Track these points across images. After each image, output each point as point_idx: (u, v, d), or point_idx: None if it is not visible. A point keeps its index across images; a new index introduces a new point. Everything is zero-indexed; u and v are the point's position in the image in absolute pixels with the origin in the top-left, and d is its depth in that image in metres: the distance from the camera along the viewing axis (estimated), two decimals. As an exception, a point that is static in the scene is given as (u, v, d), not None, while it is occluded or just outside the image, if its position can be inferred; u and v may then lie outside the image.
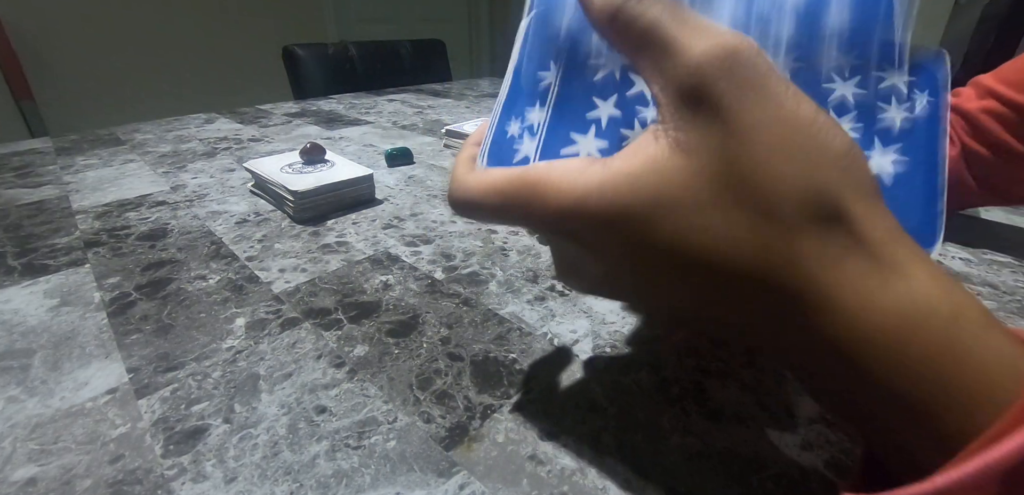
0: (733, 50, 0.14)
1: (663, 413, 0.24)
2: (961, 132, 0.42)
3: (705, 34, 0.14)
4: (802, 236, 0.14)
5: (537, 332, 0.31)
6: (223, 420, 0.24)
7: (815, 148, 0.14)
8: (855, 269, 0.13)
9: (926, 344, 0.13)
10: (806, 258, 0.14)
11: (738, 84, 0.14)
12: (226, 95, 2.34)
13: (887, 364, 0.13)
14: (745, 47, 0.14)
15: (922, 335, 0.13)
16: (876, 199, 0.14)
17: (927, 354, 0.12)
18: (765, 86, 0.14)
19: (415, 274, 0.38)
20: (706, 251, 0.15)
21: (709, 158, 0.14)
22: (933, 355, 0.12)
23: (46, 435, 0.23)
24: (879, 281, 0.13)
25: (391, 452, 0.23)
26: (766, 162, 0.14)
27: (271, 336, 0.30)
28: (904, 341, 0.13)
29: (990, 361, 0.12)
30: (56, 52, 1.92)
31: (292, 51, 1.30)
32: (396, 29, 2.86)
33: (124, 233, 0.44)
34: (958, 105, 0.43)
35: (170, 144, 0.74)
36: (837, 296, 0.13)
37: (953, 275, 0.38)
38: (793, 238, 0.14)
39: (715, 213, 0.14)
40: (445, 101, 1.12)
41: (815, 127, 0.14)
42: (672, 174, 0.14)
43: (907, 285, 0.13)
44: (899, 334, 0.13)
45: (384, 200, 0.53)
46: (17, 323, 0.32)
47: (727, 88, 0.14)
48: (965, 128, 0.42)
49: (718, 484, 0.21)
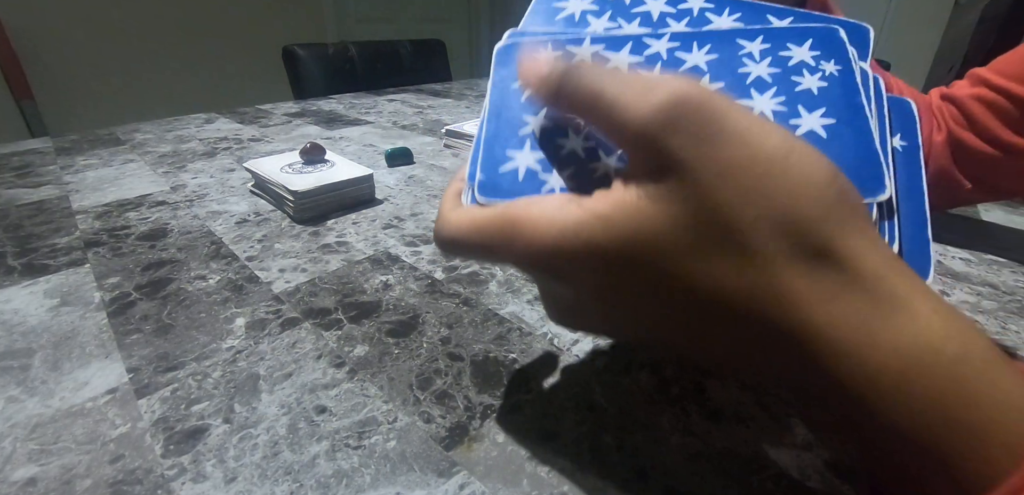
0: (679, 101, 0.13)
1: (663, 413, 0.24)
2: (950, 120, 0.41)
3: (649, 91, 0.14)
4: (790, 274, 0.13)
5: (537, 332, 0.31)
6: (223, 420, 0.24)
7: (792, 182, 0.13)
8: (851, 308, 0.13)
9: (932, 385, 0.12)
10: (796, 296, 0.13)
11: (693, 136, 0.13)
12: (226, 95, 2.34)
13: (893, 405, 0.12)
14: (692, 93, 0.14)
15: (927, 376, 0.12)
16: (866, 228, 0.13)
17: (934, 395, 0.12)
18: (723, 128, 0.13)
19: (415, 274, 0.38)
20: (691, 292, 0.14)
21: (681, 209, 0.14)
22: (940, 397, 0.12)
23: (46, 435, 0.23)
24: (880, 320, 0.12)
25: (391, 452, 0.23)
26: (742, 205, 0.13)
27: (271, 336, 0.30)
28: (909, 381, 0.12)
29: (1002, 403, 0.12)
30: (56, 52, 1.92)
31: (292, 51, 1.30)
32: (396, 29, 2.86)
33: (124, 233, 0.44)
34: (949, 94, 0.43)
35: (170, 144, 0.74)
36: (835, 337, 0.13)
37: (952, 275, 0.38)
38: (780, 278, 0.13)
39: (696, 259, 0.14)
40: (445, 101, 1.12)
41: (791, 159, 0.13)
42: (644, 221, 0.14)
43: (910, 322, 0.12)
44: (904, 375, 0.12)
45: (384, 200, 0.53)
46: (17, 323, 0.32)
47: (682, 143, 0.13)
48: (955, 117, 0.41)
49: (718, 484, 0.21)
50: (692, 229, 0.14)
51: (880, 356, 0.12)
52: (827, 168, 0.14)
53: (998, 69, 0.39)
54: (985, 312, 0.34)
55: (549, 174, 0.18)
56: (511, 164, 0.18)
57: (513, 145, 0.19)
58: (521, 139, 0.19)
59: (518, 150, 0.18)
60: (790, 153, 0.13)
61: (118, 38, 2.05)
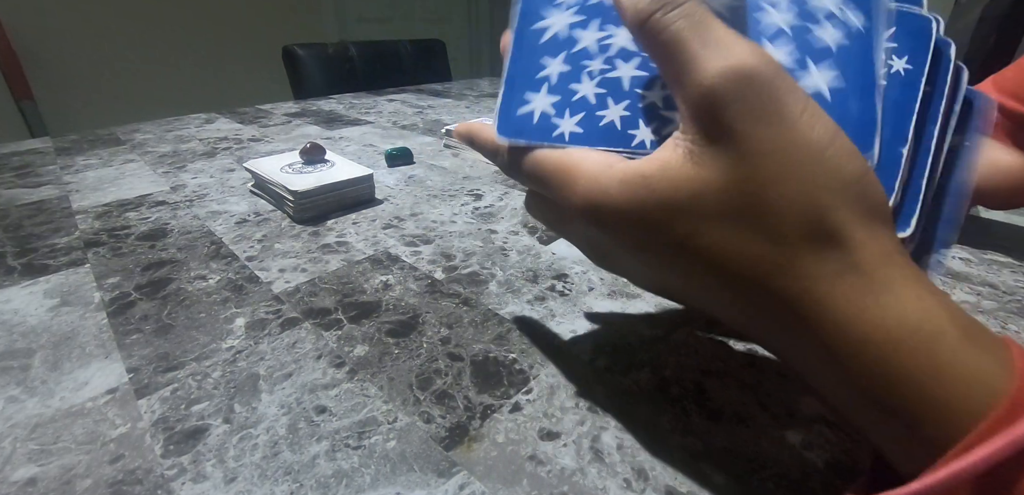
0: (748, 73, 0.14)
1: (663, 413, 0.24)
2: None
3: (724, 53, 0.14)
4: (800, 253, 0.14)
5: (537, 332, 0.31)
6: (223, 420, 0.24)
7: (825, 174, 0.14)
8: (848, 285, 0.14)
9: (908, 358, 0.13)
10: (802, 270, 0.14)
11: (751, 109, 0.14)
12: (226, 95, 2.34)
13: (873, 373, 0.14)
14: (762, 68, 0.14)
15: (905, 349, 0.13)
16: (880, 222, 0.15)
17: (909, 367, 0.13)
18: (779, 111, 0.14)
19: (415, 274, 0.38)
20: (709, 256, 0.16)
21: (718, 175, 0.15)
22: (914, 369, 0.13)
23: (46, 435, 0.23)
24: (870, 298, 0.14)
25: (391, 452, 0.23)
26: (773, 184, 0.14)
27: (271, 336, 0.30)
28: (888, 353, 0.14)
29: (967, 377, 0.13)
30: (56, 52, 1.92)
31: (292, 51, 1.30)
32: (396, 29, 2.86)
33: (124, 233, 0.44)
34: None
35: (170, 144, 0.74)
36: (829, 306, 0.14)
37: (952, 275, 0.39)
38: (791, 253, 0.14)
39: (721, 225, 0.15)
40: (445, 101, 1.12)
41: (829, 152, 0.14)
42: (682, 182, 0.15)
43: (895, 302, 0.14)
44: (884, 347, 0.14)
45: (384, 200, 0.53)
46: (17, 323, 0.32)
47: (739, 112, 0.14)
48: None
49: (718, 484, 0.21)
50: (726, 197, 0.15)
51: (865, 329, 0.14)
52: (858, 166, 0.15)
53: (1003, 87, 0.40)
54: (985, 312, 0.34)
55: (561, 119, 0.19)
56: (528, 107, 0.19)
57: (531, 87, 0.19)
58: (538, 82, 0.19)
59: (535, 93, 0.19)
60: (829, 146, 0.14)
61: (118, 38, 2.05)
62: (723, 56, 0.14)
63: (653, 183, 0.16)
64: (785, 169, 0.14)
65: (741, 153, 0.14)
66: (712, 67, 0.14)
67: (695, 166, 0.15)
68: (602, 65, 0.19)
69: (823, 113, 0.15)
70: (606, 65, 0.19)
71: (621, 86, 0.19)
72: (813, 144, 0.14)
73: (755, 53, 0.15)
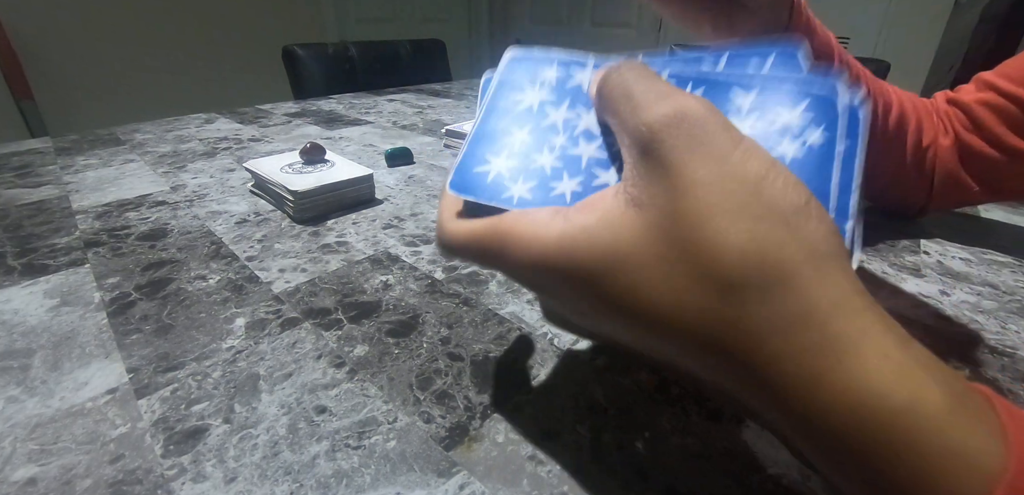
0: (683, 109, 0.15)
1: (663, 413, 0.24)
2: (958, 125, 0.42)
3: (666, 97, 0.15)
4: (745, 297, 0.13)
5: (537, 332, 0.31)
6: (223, 420, 0.24)
7: (761, 205, 0.13)
8: (800, 342, 0.13)
9: (877, 432, 0.12)
10: (750, 322, 0.13)
11: (685, 141, 0.14)
12: (226, 95, 2.34)
13: (841, 444, 0.12)
14: (696, 107, 0.15)
15: (874, 421, 0.12)
16: (829, 259, 0.13)
17: (880, 441, 0.12)
18: (710, 143, 0.14)
19: (415, 274, 0.38)
20: (654, 308, 0.15)
21: (657, 214, 0.14)
22: (886, 442, 0.12)
23: (46, 435, 0.23)
24: (829, 360, 0.12)
25: (391, 452, 0.23)
26: (708, 218, 0.13)
27: (271, 336, 0.30)
28: (854, 426, 0.12)
29: (955, 454, 0.11)
30: (56, 52, 1.92)
31: (292, 51, 1.30)
32: (396, 29, 2.86)
33: (124, 233, 0.44)
34: (955, 98, 0.43)
35: (170, 144, 0.74)
36: (785, 369, 0.13)
37: (952, 275, 0.38)
38: (736, 300, 0.13)
39: (661, 269, 0.14)
40: (445, 101, 1.12)
41: (764, 183, 0.13)
42: (623, 229, 0.15)
43: (857, 366, 0.12)
44: (849, 418, 0.12)
45: (384, 200, 0.53)
46: (17, 323, 0.32)
47: (674, 144, 0.14)
48: (962, 121, 0.42)
49: (718, 484, 0.21)
50: (661, 239, 0.14)
51: (827, 396, 0.12)
52: (797, 196, 0.14)
53: (1004, 73, 0.40)
54: (985, 312, 0.34)
55: (514, 184, 0.19)
56: (485, 166, 0.19)
57: (493, 152, 0.20)
58: (500, 147, 0.20)
59: (496, 156, 0.20)
60: (764, 179, 0.14)
61: (118, 38, 2.05)
62: (666, 99, 0.15)
63: (593, 233, 0.15)
64: (720, 201, 0.13)
65: (676, 186, 0.14)
66: (656, 107, 0.15)
67: (635, 210, 0.15)
68: (565, 141, 0.19)
69: (761, 149, 0.14)
70: (569, 142, 0.19)
71: (579, 163, 0.19)
72: (748, 176, 0.14)
73: (695, 99, 0.15)
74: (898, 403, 0.12)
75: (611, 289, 0.15)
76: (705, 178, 0.14)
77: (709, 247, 0.13)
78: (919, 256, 0.42)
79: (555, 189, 0.19)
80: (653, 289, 0.14)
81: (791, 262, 0.13)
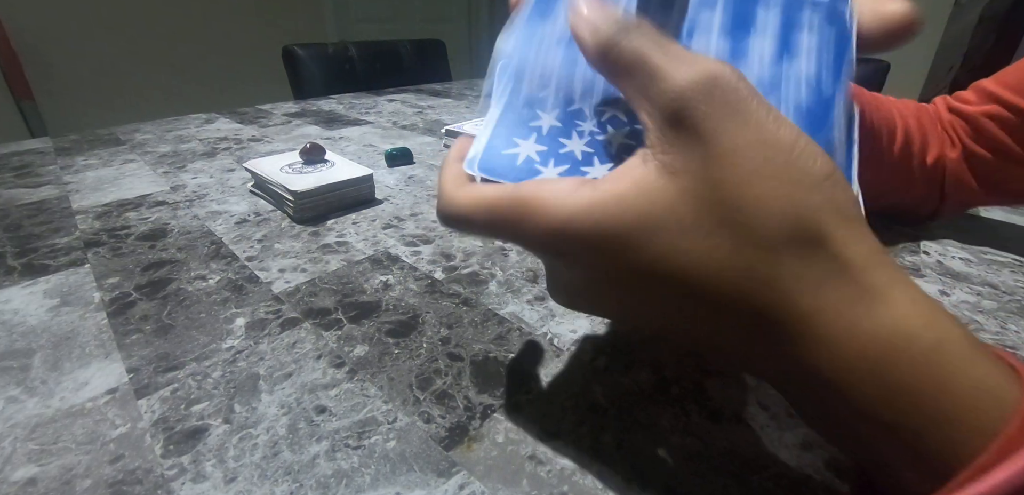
0: (714, 76, 0.14)
1: (663, 413, 0.24)
2: (963, 135, 0.43)
3: (688, 62, 0.15)
4: (783, 258, 0.14)
5: (537, 332, 0.31)
6: (223, 420, 0.24)
7: (796, 170, 0.14)
8: (836, 294, 0.13)
9: (907, 372, 0.12)
10: (786, 280, 0.14)
11: (718, 108, 0.14)
12: (226, 95, 2.34)
13: (869, 391, 0.13)
14: (726, 73, 0.15)
15: (903, 363, 0.13)
16: (857, 222, 0.14)
17: (908, 382, 0.12)
18: (746, 110, 0.14)
19: (415, 274, 0.38)
20: (690, 272, 0.15)
21: (692, 180, 0.14)
22: (915, 383, 0.12)
23: (46, 435, 0.23)
24: (862, 308, 0.13)
25: (391, 452, 0.23)
26: (747, 184, 0.14)
27: (271, 336, 0.30)
28: (885, 368, 0.13)
29: (973, 390, 0.12)
30: (56, 52, 1.92)
31: (292, 51, 1.30)
32: (396, 29, 2.86)
33: (124, 233, 0.44)
34: (959, 109, 0.43)
35: (170, 144, 0.74)
36: (819, 321, 0.13)
37: (952, 275, 0.38)
38: (774, 260, 0.14)
39: (698, 235, 0.14)
40: (445, 101, 1.12)
41: (796, 150, 0.14)
42: (657, 195, 0.15)
43: (888, 311, 0.13)
44: (880, 361, 0.13)
45: (384, 200, 0.53)
46: (17, 323, 0.32)
47: (708, 111, 0.14)
48: (967, 131, 0.42)
49: (718, 484, 0.21)
50: (699, 203, 0.14)
51: (859, 343, 0.13)
52: (826, 162, 0.14)
53: (1004, 83, 0.40)
54: (985, 312, 0.34)
55: (544, 166, 0.19)
56: (514, 150, 0.19)
57: (521, 134, 0.19)
58: (529, 130, 0.19)
59: (524, 139, 0.19)
60: (795, 145, 0.14)
61: (118, 38, 2.05)
62: (689, 65, 0.15)
63: (625, 199, 0.15)
64: (757, 167, 0.14)
65: (712, 154, 0.14)
66: (680, 73, 0.15)
67: (669, 177, 0.15)
68: (593, 127, 0.19)
69: (788, 120, 0.15)
70: (597, 128, 0.19)
71: (610, 149, 0.19)
72: (782, 142, 0.14)
73: (719, 62, 0.15)
74: (928, 341, 0.13)
75: (646, 254, 0.15)
76: (742, 145, 0.14)
77: (751, 211, 0.14)
78: (919, 256, 0.42)
79: (588, 173, 0.18)
80: (689, 253, 0.15)
81: (827, 224, 0.14)
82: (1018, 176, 0.40)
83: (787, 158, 0.14)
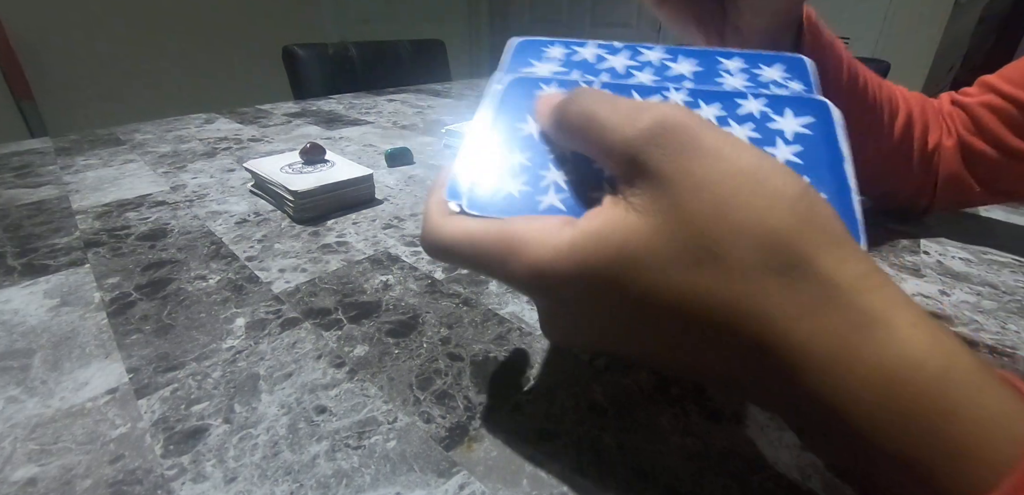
0: (660, 119, 0.15)
1: (663, 413, 0.24)
2: (961, 127, 0.42)
3: (636, 110, 0.15)
4: (767, 287, 0.13)
5: (537, 332, 0.31)
6: (223, 420, 0.24)
7: (766, 194, 0.14)
8: (830, 322, 0.13)
9: (914, 401, 0.12)
10: (774, 311, 0.13)
11: (673, 150, 0.14)
12: (226, 95, 2.34)
13: (875, 421, 0.12)
14: (673, 114, 0.15)
15: (910, 392, 0.12)
16: (839, 241, 0.14)
17: (916, 411, 0.12)
18: (701, 145, 0.14)
19: (415, 274, 0.38)
20: (678, 307, 0.14)
21: (664, 219, 0.14)
22: (923, 412, 0.12)
23: (46, 435, 0.23)
24: (860, 335, 0.12)
25: (391, 452, 0.23)
26: (721, 216, 0.14)
27: (271, 336, 0.30)
28: (892, 397, 0.12)
29: (984, 419, 0.11)
30: (56, 52, 1.92)
31: (292, 51, 1.30)
32: (396, 29, 2.86)
33: (124, 233, 0.44)
34: (959, 100, 0.43)
35: (170, 144, 0.74)
36: (815, 353, 0.13)
37: (952, 275, 0.38)
38: (759, 290, 0.13)
39: (679, 269, 0.14)
40: (445, 101, 1.12)
41: (762, 172, 0.14)
42: (632, 232, 0.15)
43: (890, 338, 0.12)
44: (886, 391, 0.12)
45: (384, 200, 0.53)
46: (17, 323, 0.32)
47: (662, 155, 0.14)
48: (965, 123, 0.42)
49: (718, 484, 0.21)
50: (675, 240, 0.14)
51: (861, 372, 0.12)
52: (797, 182, 0.14)
53: (1006, 76, 0.40)
54: (985, 312, 0.34)
55: (540, 196, 0.19)
56: (495, 183, 0.20)
57: (501, 172, 0.20)
58: (510, 168, 0.20)
59: (507, 178, 0.20)
60: (760, 169, 0.14)
61: (118, 38, 2.05)
62: (637, 112, 0.15)
63: (603, 236, 0.15)
64: (726, 197, 0.13)
65: (677, 193, 0.14)
66: (627, 125, 0.15)
67: (639, 215, 0.15)
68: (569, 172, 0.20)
69: (747, 144, 0.14)
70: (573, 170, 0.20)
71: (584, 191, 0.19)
72: (745, 169, 0.14)
73: (666, 105, 0.15)
74: (934, 370, 0.12)
75: (632, 290, 0.15)
76: (706, 179, 0.14)
77: (729, 243, 0.13)
78: (919, 256, 0.42)
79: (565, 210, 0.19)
80: (676, 289, 0.14)
81: (807, 245, 0.13)
82: (1013, 172, 0.40)
83: (754, 183, 0.14)
